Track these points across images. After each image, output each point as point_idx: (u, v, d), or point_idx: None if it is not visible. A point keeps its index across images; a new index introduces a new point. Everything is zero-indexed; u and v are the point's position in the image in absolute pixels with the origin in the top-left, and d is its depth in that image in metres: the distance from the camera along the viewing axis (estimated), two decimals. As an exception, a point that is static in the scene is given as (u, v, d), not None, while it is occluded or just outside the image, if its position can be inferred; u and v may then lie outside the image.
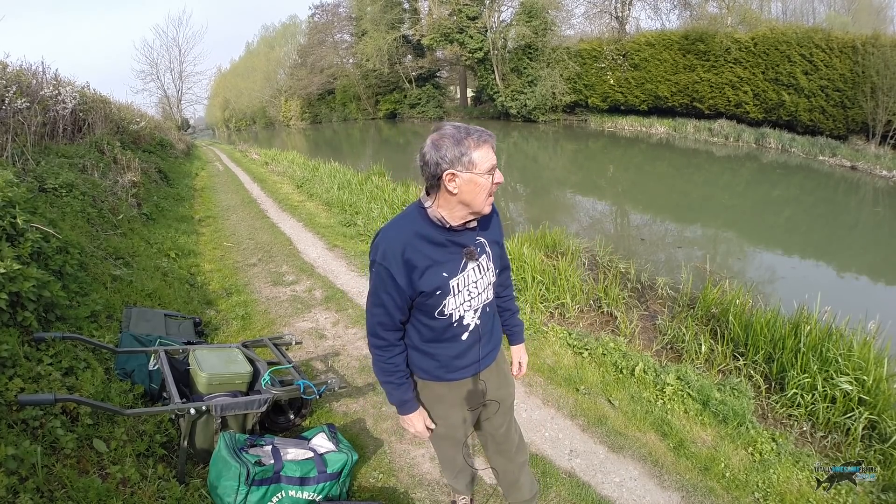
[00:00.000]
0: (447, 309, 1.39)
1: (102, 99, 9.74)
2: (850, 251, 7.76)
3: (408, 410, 1.52)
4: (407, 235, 1.34)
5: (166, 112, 37.35)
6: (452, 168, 1.27)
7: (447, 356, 1.47)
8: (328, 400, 2.90)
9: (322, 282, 4.87)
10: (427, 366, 1.50)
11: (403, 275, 1.33)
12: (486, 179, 1.29)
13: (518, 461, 1.80)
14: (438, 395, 1.55)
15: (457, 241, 1.38)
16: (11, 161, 4.53)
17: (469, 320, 1.44)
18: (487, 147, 1.28)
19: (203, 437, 2.16)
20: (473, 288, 1.41)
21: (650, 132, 20.67)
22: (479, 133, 1.28)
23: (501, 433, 1.72)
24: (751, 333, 3.47)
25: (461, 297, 1.40)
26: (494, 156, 1.31)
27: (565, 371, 3.22)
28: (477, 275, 1.41)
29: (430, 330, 1.43)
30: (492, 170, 1.29)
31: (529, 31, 24.08)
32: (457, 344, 1.46)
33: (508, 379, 1.70)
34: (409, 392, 1.51)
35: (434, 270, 1.34)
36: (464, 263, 1.38)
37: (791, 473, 2.40)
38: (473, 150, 1.26)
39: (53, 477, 1.74)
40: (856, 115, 14.91)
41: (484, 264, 1.43)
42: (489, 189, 1.31)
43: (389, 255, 1.33)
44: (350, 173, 10.57)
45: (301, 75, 42.76)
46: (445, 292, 1.37)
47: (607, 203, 11.01)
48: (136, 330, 2.87)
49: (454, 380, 1.52)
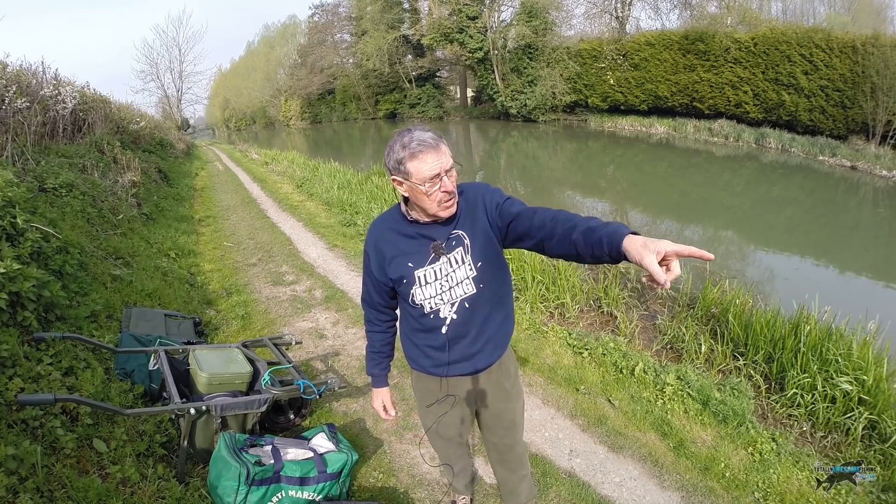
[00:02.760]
0: (417, 298, 1.42)
1: (102, 99, 9.74)
2: (849, 251, 7.75)
3: (374, 384, 1.69)
4: (383, 228, 1.46)
5: (166, 112, 37.40)
6: (395, 175, 1.31)
7: (428, 347, 1.49)
8: (328, 400, 2.90)
9: (322, 282, 4.87)
10: (415, 355, 1.55)
11: (375, 261, 1.47)
12: (427, 188, 1.26)
13: (519, 474, 1.79)
14: (427, 388, 1.59)
15: (426, 235, 1.39)
16: (11, 161, 4.53)
17: (445, 314, 1.43)
18: (424, 157, 1.24)
19: (203, 437, 2.16)
20: (445, 281, 1.40)
21: (650, 132, 20.65)
22: (417, 143, 1.25)
23: (505, 444, 1.70)
24: (751, 333, 3.47)
25: (431, 288, 1.40)
26: (437, 164, 1.24)
27: (565, 371, 3.22)
28: (449, 268, 1.39)
29: (413, 318, 1.49)
30: (433, 178, 1.25)
31: (529, 31, 24.07)
32: (437, 336, 1.46)
33: (511, 393, 1.62)
34: (377, 369, 1.66)
35: (400, 260, 1.41)
36: (433, 257, 1.38)
37: (791, 473, 2.41)
38: (408, 161, 1.25)
39: (53, 477, 1.74)
40: (856, 115, 14.90)
41: (458, 258, 1.39)
42: (435, 197, 1.28)
43: (369, 242, 1.49)
44: (350, 173, 10.57)
45: (301, 75, 42.77)
46: (411, 282, 1.41)
47: (607, 203, 11.00)
48: (136, 330, 2.86)
49: (441, 375, 1.53)
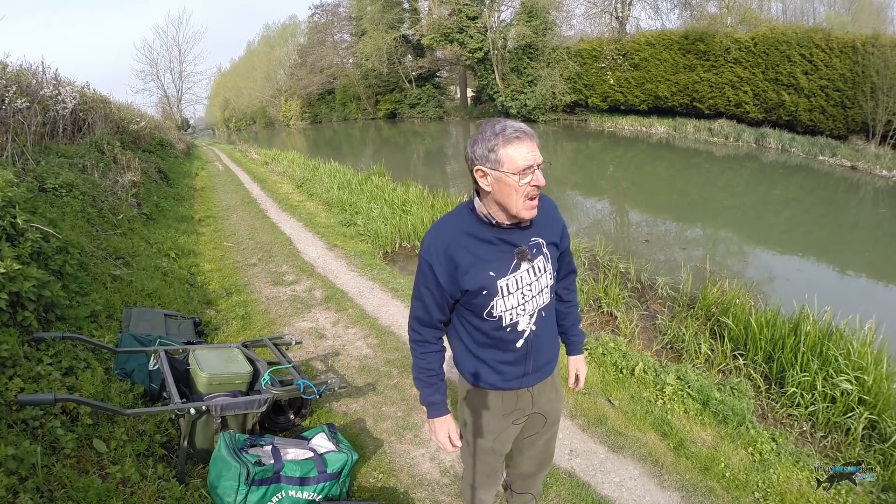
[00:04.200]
0: (496, 311, 1.30)
1: (102, 99, 9.74)
2: (849, 251, 7.75)
3: (434, 413, 1.44)
4: (453, 232, 1.29)
5: (166, 112, 37.43)
6: (481, 165, 1.23)
7: (500, 363, 1.38)
8: (328, 400, 2.90)
9: (322, 282, 4.87)
10: (479, 371, 1.41)
11: (445, 271, 1.28)
12: (515, 180, 1.19)
13: (544, 471, 1.78)
14: (489, 404, 1.45)
15: (507, 240, 1.29)
16: (11, 161, 4.53)
17: (524, 326, 1.34)
18: (518, 144, 1.19)
19: (203, 437, 2.16)
20: (528, 290, 1.31)
21: (650, 132, 20.65)
22: (512, 130, 1.20)
23: (546, 440, 1.65)
24: (751, 333, 3.47)
25: (513, 299, 1.30)
26: (532, 155, 1.20)
27: (565, 371, 3.21)
28: (531, 277, 1.31)
29: (482, 333, 1.36)
30: (525, 170, 1.19)
31: (529, 30, 24.08)
32: (511, 351, 1.37)
33: (561, 393, 1.63)
34: (438, 395, 1.43)
35: (479, 269, 1.27)
36: (515, 264, 1.29)
37: (791, 473, 2.41)
38: (501, 148, 1.19)
39: (53, 477, 1.74)
40: (856, 115, 14.90)
41: (540, 266, 1.33)
42: (523, 191, 1.21)
43: (433, 250, 1.29)
44: (350, 173, 10.58)
45: (301, 75, 42.77)
46: (492, 293, 1.28)
47: (607, 203, 11.00)
48: (136, 330, 2.86)
49: (508, 389, 1.42)
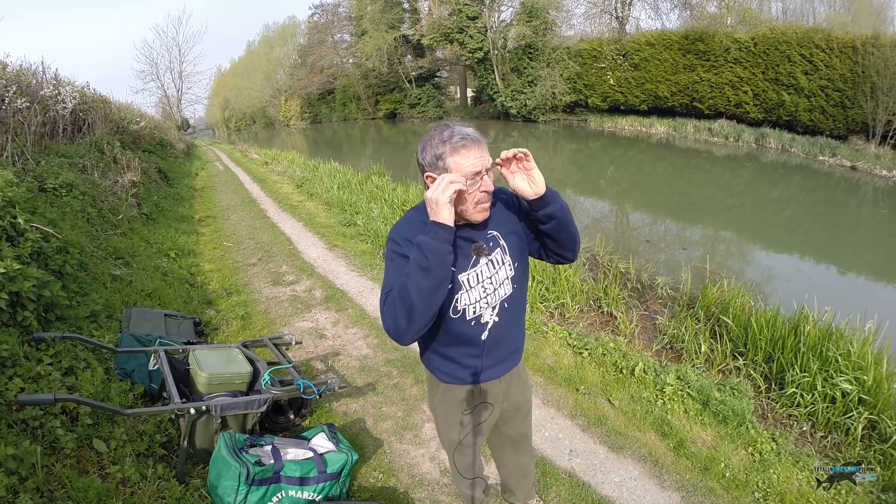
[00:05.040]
0: (460, 304, 1.33)
1: (102, 99, 9.74)
2: (850, 251, 7.75)
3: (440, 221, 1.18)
4: (415, 224, 1.30)
5: (166, 112, 37.43)
6: (430, 171, 1.25)
7: (466, 357, 1.42)
8: (328, 400, 2.90)
9: (322, 282, 4.87)
10: (449, 369, 1.45)
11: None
12: (467, 185, 1.19)
13: (531, 455, 1.84)
14: (459, 399, 1.50)
15: (464, 237, 1.32)
16: (11, 161, 4.53)
17: (487, 318, 1.37)
18: (465, 152, 1.19)
19: (203, 436, 2.16)
20: (489, 284, 1.35)
21: (650, 132, 20.66)
22: (459, 137, 1.20)
23: (521, 433, 1.71)
24: (750, 333, 3.47)
25: (475, 293, 1.33)
26: (479, 162, 1.20)
27: (565, 371, 3.22)
28: (491, 270, 1.35)
29: (448, 331, 1.38)
30: (475, 176, 1.20)
31: (529, 31, 24.09)
32: (476, 345, 1.40)
33: (529, 383, 1.68)
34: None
35: None
36: (474, 259, 1.33)
37: (791, 473, 2.41)
38: (448, 156, 1.20)
39: (53, 477, 1.74)
40: (856, 115, 14.92)
41: (498, 259, 1.35)
42: (472, 197, 1.23)
43: (400, 240, 1.30)
44: (350, 173, 10.57)
45: (301, 75, 42.77)
46: (456, 287, 1.31)
47: (607, 203, 11.01)
48: (136, 330, 2.86)
49: (475, 383, 1.46)
